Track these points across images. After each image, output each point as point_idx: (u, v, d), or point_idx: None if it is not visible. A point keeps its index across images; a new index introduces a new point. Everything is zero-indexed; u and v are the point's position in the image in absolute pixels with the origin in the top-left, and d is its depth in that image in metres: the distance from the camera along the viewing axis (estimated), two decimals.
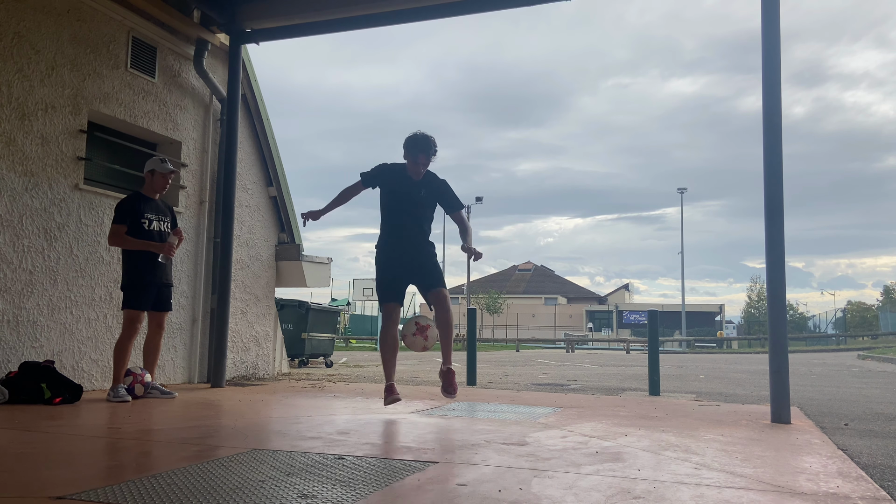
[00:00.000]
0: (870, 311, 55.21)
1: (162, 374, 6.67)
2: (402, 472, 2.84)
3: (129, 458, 3.15)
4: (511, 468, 2.97)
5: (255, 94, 7.93)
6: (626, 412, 5.13)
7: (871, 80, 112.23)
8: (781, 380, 4.86)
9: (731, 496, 2.56)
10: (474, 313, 8.86)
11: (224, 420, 4.43)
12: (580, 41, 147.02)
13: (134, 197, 5.55)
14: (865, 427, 4.84)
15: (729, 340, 42.03)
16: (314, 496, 2.42)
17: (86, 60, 6.00)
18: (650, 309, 8.27)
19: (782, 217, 4.98)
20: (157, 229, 5.56)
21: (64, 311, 5.75)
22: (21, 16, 5.50)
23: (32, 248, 5.53)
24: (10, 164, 5.39)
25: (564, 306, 61.31)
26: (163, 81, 6.80)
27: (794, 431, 4.38)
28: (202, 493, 2.43)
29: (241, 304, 7.70)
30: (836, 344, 36.24)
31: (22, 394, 4.90)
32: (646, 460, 3.21)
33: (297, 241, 8.45)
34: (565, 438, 3.82)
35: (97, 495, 2.37)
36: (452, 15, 6.65)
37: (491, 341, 37.14)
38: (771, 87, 5.07)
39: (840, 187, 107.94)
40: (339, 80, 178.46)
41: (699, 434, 4.09)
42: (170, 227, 5.70)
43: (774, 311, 4.99)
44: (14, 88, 5.42)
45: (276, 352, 8.48)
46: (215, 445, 3.40)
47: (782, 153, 5.03)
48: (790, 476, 2.96)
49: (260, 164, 8.09)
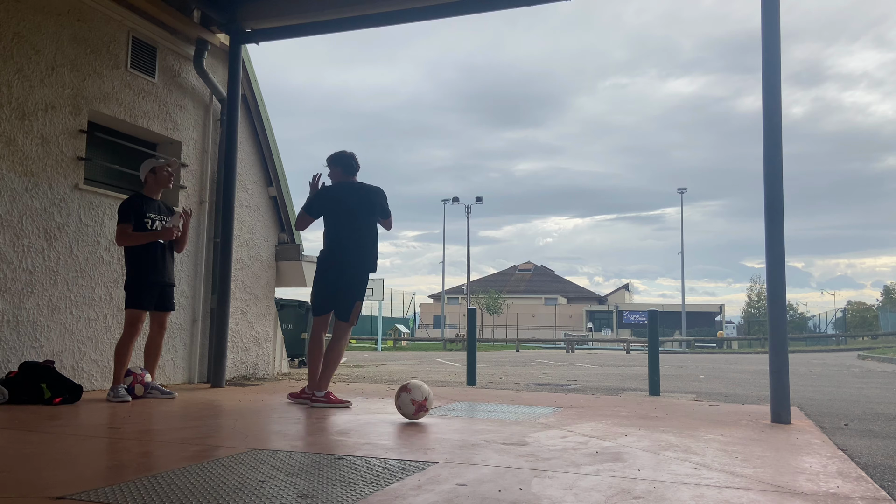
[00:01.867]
0: (870, 311, 55.17)
1: (162, 374, 6.66)
2: (402, 473, 2.84)
3: (130, 458, 3.15)
4: (511, 468, 2.97)
5: (255, 94, 7.93)
6: (626, 412, 5.13)
7: (870, 81, 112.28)
8: (781, 380, 4.86)
9: (731, 496, 2.56)
10: (474, 313, 8.86)
11: (224, 420, 4.43)
12: (578, 41, 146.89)
13: (136, 197, 5.57)
14: (865, 427, 4.84)
15: (729, 340, 42.00)
16: (314, 496, 2.42)
17: (86, 60, 6.00)
18: (650, 309, 8.27)
19: (782, 217, 4.98)
20: (160, 229, 5.57)
21: (64, 312, 5.75)
22: (21, 16, 5.50)
23: (32, 249, 5.53)
24: (11, 165, 5.39)
25: (564, 306, 61.31)
26: (163, 81, 6.80)
27: (794, 431, 4.38)
28: (202, 493, 2.43)
29: (241, 304, 7.69)
30: (836, 344, 36.22)
31: (22, 394, 4.90)
32: (646, 460, 3.21)
33: (297, 242, 8.45)
34: (565, 438, 3.82)
35: (97, 495, 2.37)
36: (451, 15, 6.65)
37: (491, 341, 37.12)
38: (771, 86, 5.07)
39: (839, 187, 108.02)
40: (337, 79, 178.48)
41: (699, 434, 4.09)
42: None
43: (774, 311, 4.99)
44: (14, 89, 5.42)
45: (277, 352, 8.48)
46: (215, 445, 3.40)
47: (782, 153, 5.03)
48: (790, 476, 2.96)
49: (260, 164, 8.08)
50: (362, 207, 5.40)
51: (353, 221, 5.38)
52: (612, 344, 37.24)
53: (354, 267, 5.38)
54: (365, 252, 5.40)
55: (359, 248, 5.39)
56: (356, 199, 5.41)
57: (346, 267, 5.36)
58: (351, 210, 5.39)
